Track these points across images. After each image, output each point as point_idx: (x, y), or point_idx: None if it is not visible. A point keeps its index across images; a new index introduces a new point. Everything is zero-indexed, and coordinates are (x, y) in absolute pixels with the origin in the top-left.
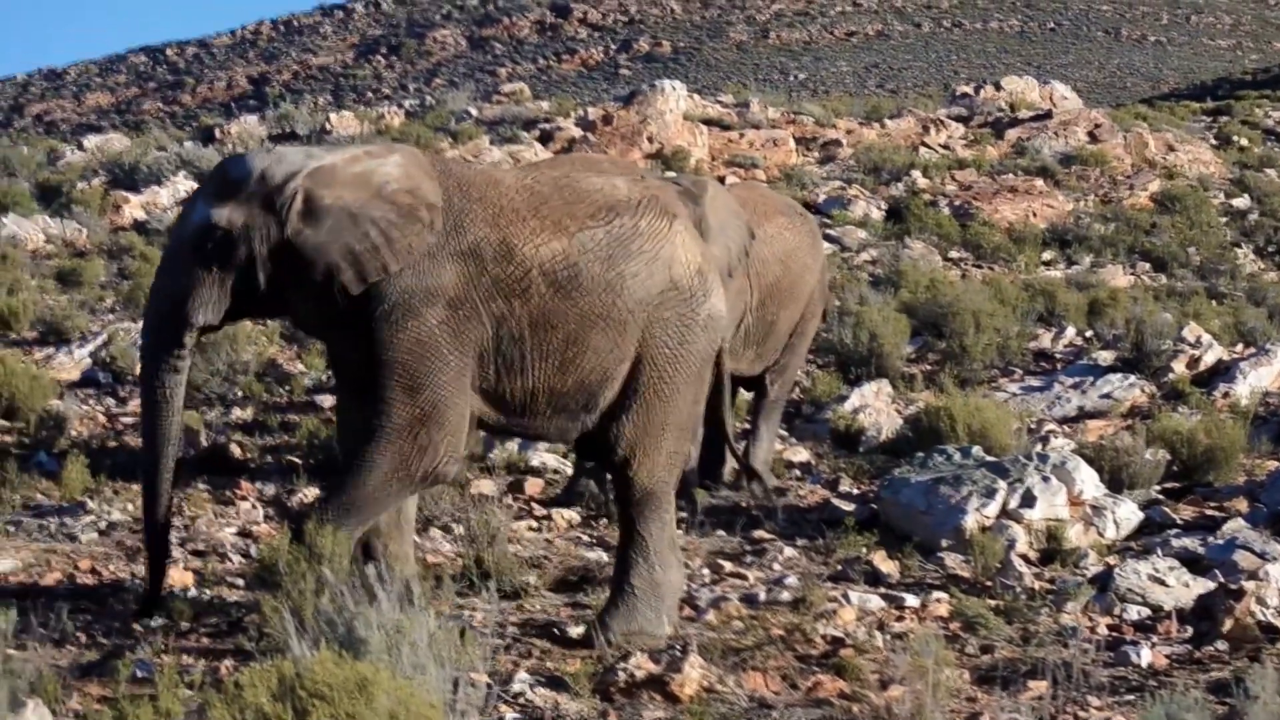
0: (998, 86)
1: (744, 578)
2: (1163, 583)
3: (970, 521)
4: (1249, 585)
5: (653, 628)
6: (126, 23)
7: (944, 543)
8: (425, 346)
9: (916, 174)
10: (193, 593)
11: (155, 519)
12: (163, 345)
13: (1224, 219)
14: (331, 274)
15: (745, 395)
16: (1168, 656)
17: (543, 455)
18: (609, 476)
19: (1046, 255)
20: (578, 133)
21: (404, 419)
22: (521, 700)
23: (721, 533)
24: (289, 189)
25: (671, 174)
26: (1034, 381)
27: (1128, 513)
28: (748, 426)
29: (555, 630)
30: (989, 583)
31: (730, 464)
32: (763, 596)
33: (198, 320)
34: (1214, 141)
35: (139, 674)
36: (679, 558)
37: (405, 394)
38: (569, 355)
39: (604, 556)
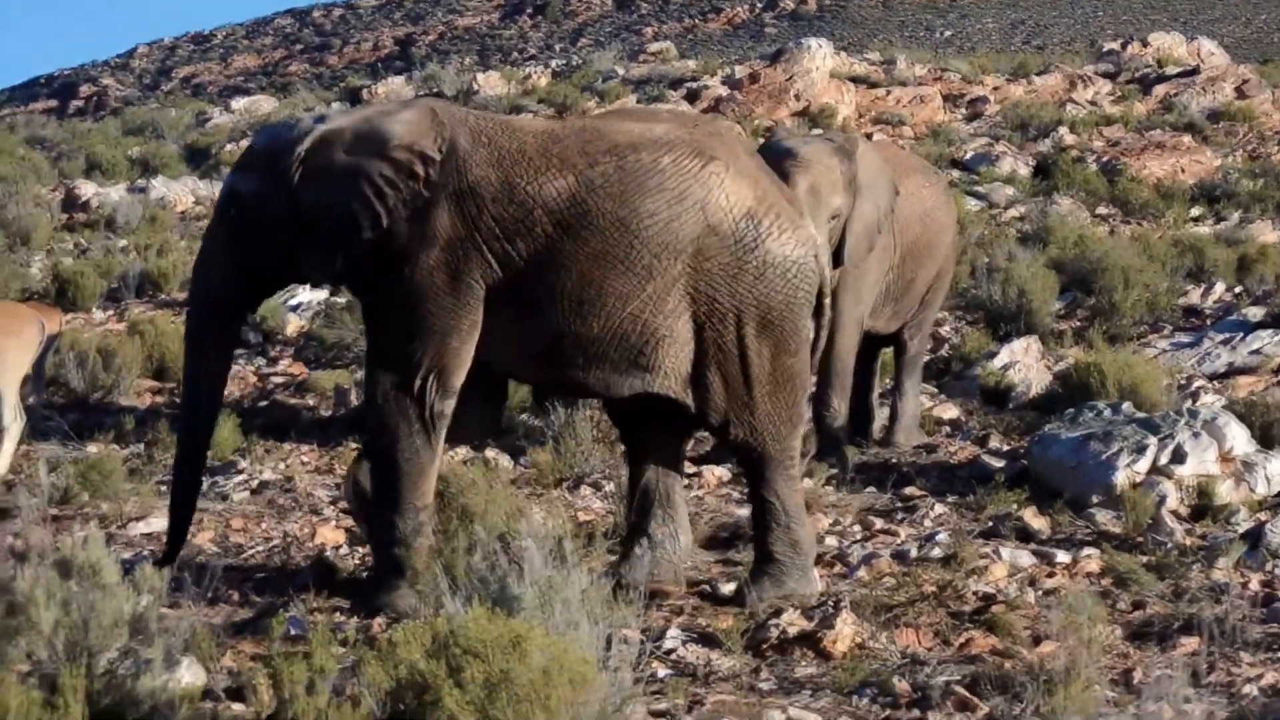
0: (1144, 43)
1: (895, 534)
2: None
3: (1121, 478)
4: None
5: (802, 588)
6: None
7: (1094, 499)
8: (420, 291)
9: (1064, 130)
10: (344, 551)
11: (182, 474)
12: (201, 308)
13: None
14: (334, 233)
15: (886, 353)
16: None
17: None
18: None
19: (1194, 211)
20: (724, 91)
21: (397, 363)
22: (673, 656)
23: (872, 489)
24: (296, 153)
25: (819, 131)
26: (1183, 337)
27: (1279, 469)
28: (890, 384)
29: (707, 587)
30: (1140, 539)
31: (880, 420)
32: (914, 553)
33: (230, 286)
34: None
35: (292, 631)
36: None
37: (399, 338)
38: (586, 298)
39: None
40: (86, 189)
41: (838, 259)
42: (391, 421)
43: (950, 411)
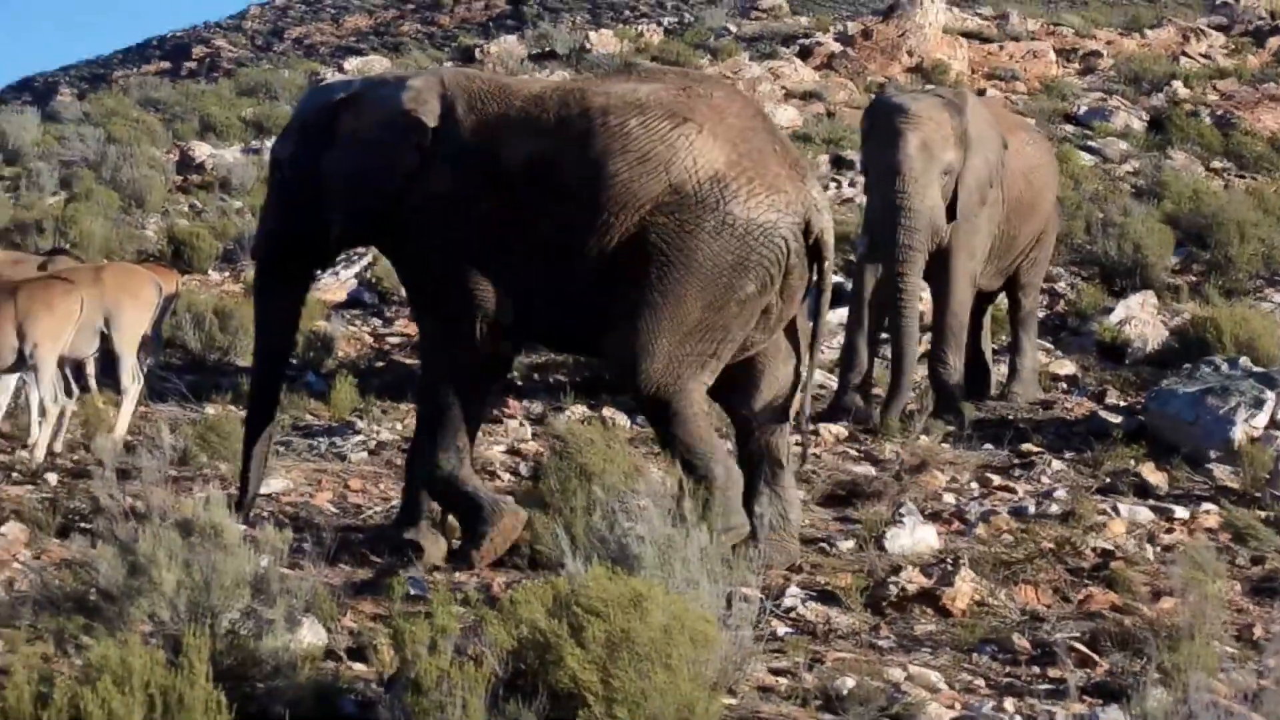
0: None
1: (1013, 491)
2: None
3: (1239, 432)
4: None
5: (738, 520)
6: None
7: (1212, 454)
8: (425, 254)
9: (1177, 84)
10: None
11: (253, 431)
12: (262, 269)
13: None
14: (347, 197)
15: (1001, 310)
16: None
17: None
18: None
19: None
20: (837, 48)
21: (429, 324)
22: (793, 614)
23: (989, 446)
24: (319, 120)
25: (931, 87)
26: None
27: None
28: (1007, 340)
29: (825, 544)
30: (1258, 494)
31: (996, 376)
32: (1032, 509)
33: (282, 249)
34: None
35: (412, 591)
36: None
37: (421, 296)
38: (561, 258)
39: (871, 471)
40: (201, 150)
41: (951, 213)
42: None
43: (1067, 367)
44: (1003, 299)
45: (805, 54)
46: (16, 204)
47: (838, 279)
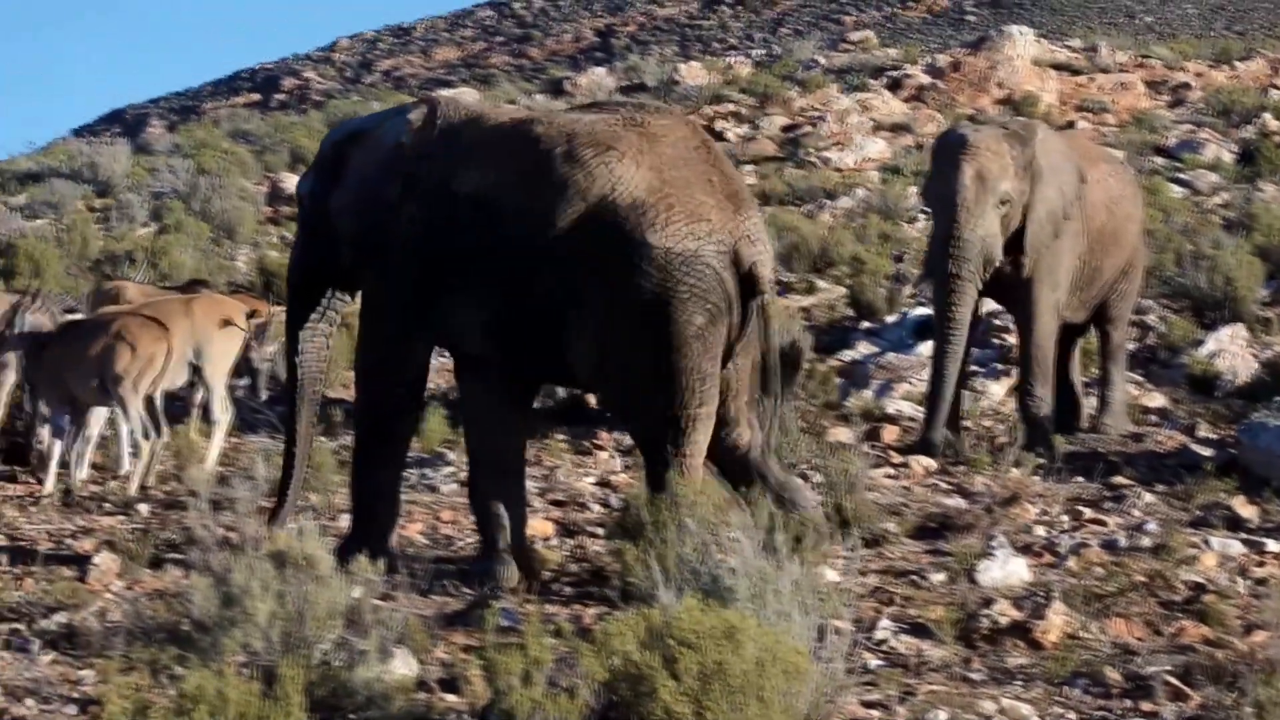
0: None
1: (1104, 523)
2: None
3: None
4: None
5: None
6: None
7: None
8: (388, 286)
9: (1267, 116)
10: (554, 542)
11: (291, 455)
12: (292, 298)
13: None
14: (348, 231)
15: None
16: None
17: (898, 403)
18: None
19: None
20: (926, 80)
21: (365, 361)
22: (885, 647)
23: (1080, 479)
24: (330, 156)
25: (1001, 117)
26: None
27: None
28: (1097, 374)
29: (917, 577)
30: None
31: (1086, 409)
32: (1123, 542)
33: (306, 279)
34: None
35: (504, 623)
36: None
37: (368, 330)
38: (511, 290)
39: (962, 503)
40: (291, 182)
41: (1018, 244)
42: (366, 415)
43: (1157, 400)
44: (1093, 332)
45: (895, 86)
46: (108, 235)
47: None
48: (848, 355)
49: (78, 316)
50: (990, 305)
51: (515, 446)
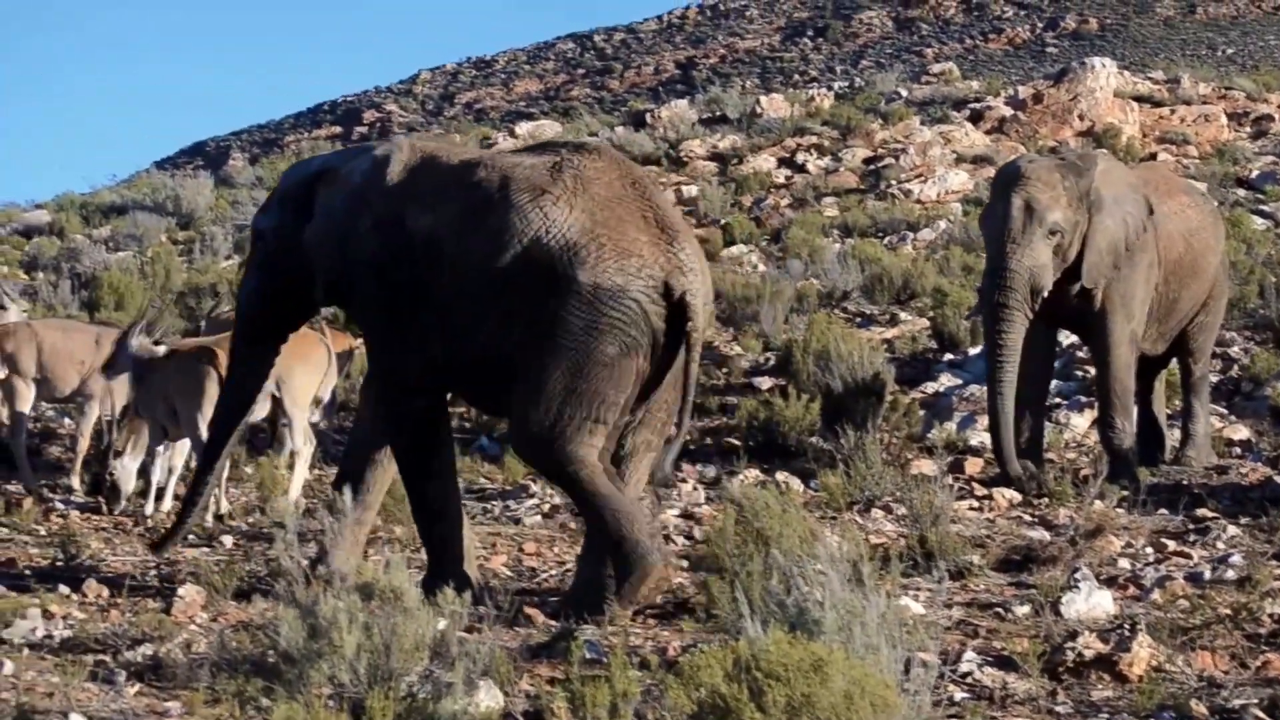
0: None
1: (1188, 556)
2: None
3: None
4: None
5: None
6: (554, 10)
7: None
8: (368, 316)
9: None
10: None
11: (202, 476)
12: (241, 329)
13: None
14: (319, 265)
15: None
16: None
17: (982, 435)
18: None
19: None
20: (1008, 112)
21: (379, 381)
22: (970, 680)
23: (1164, 511)
24: (297, 193)
25: (1081, 149)
26: None
27: None
28: (1180, 406)
29: (1001, 609)
30: None
31: (1169, 441)
32: (1207, 575)
33: (260, 310)
34: None
35: (589, 655)
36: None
37: (371, 355)
38: (454, 327)
39: (1046, 536)
40: None
41: (1075, 274)
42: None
43: (1241, 432)
44: (1175, 364)
45: (976, 118)
46: (190, 268)
47: None
48: (931, 387)
49: (182, 343)
50: (1072, 338)
51: (452, 473)
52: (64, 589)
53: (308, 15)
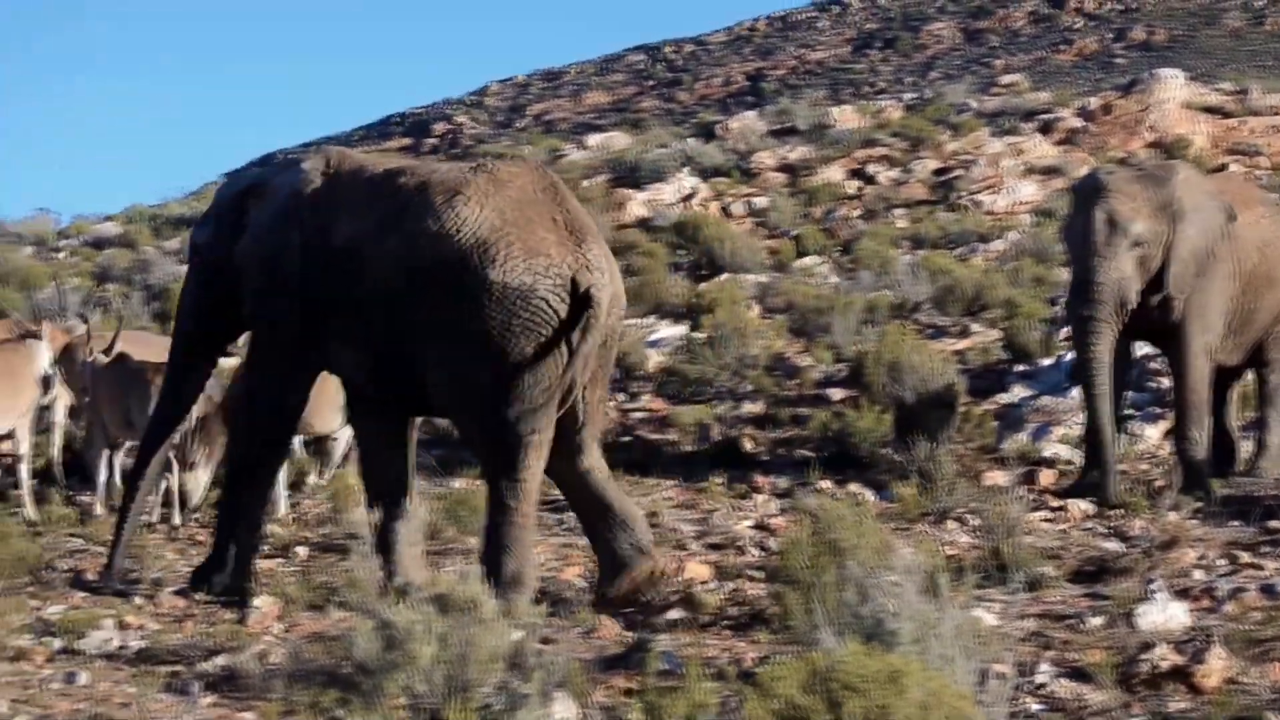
0: None
1: (1261, 568)
2: None
3: None
4: None
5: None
6: (623, 22)
7: None
8: (277, 328)
9: None
10: (711, 585)
11: (132, 491)
12: (177, 343)
13: None
14: (250, 278)
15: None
16: None
17: (1054, 446)
18: None
19: None
20: (1078, 123)
21: (249, 392)
22: (1044, 691)
23: (1237, 522)
24: (229, 207)
25: (1151, 160)
26: None
27: None
28: (1255, 415)
29: (1076, 620)
30: None
31: (1243, 452)
32: None
33: (196, 325)
34: None
35: (664, 666)
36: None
37: (255, 365)
38: (377, 330)
39: (1120, 547)
40: None
41: (1159, 284)
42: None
43: None
44: (1250, 375)
45: (1046, 129)
46: None
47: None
48: (1003, 398)
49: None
50: (1146, 348)
51: (399, 474)
52: (138, 599)
53: (378, 27)
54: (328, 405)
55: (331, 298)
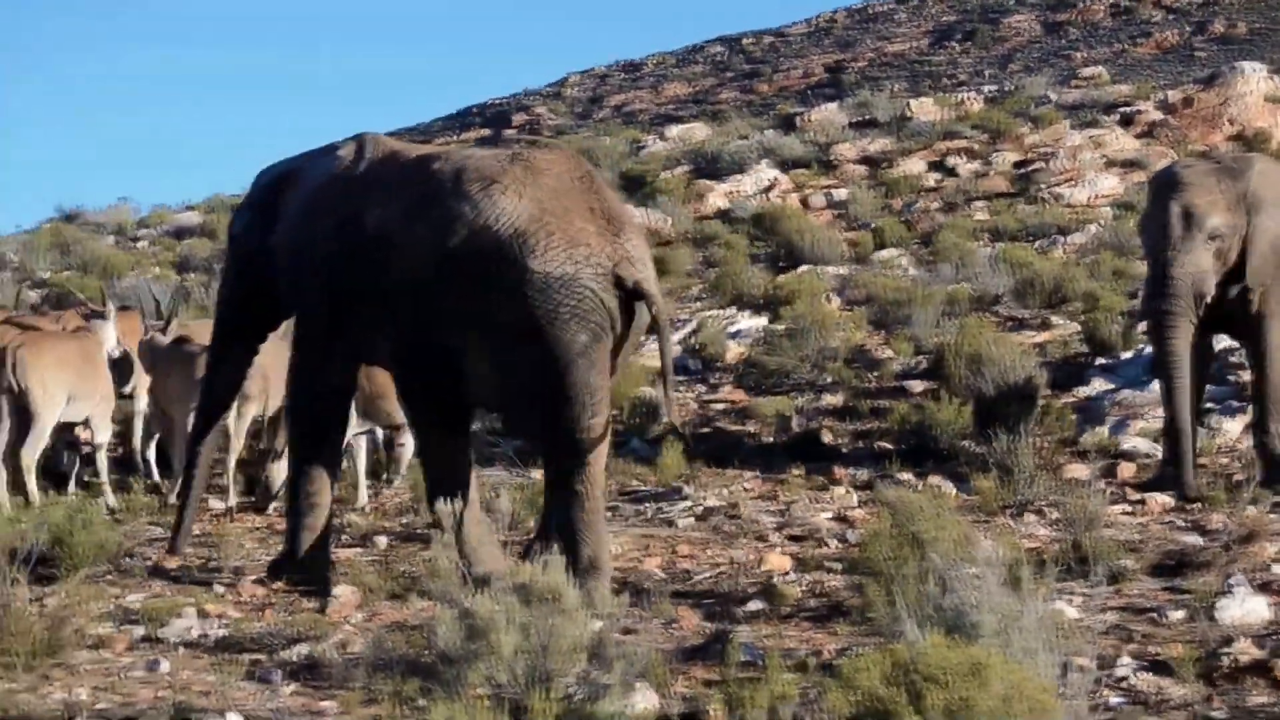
0: None
1: None
2: None
3: None
4: None
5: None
6: (703, 14)
7: None
8: (314, 314)
9: None
10: (791, 577)
11: (191, 478)
12: (217, 331)
13: None
14: (284, 265)
15: None
16: None
17: (1134, 439)
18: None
19: None
20: (1158, 116)
21: (292, 381)
22: (1125, 684)
23: None
24: (263, 196)
25: (1232, 153)
26: None
27: None
28: None
29: (1155, 614)
30: None
31: None
32: None
33: (234, 312)
34: None
35: (744, 657)
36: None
37: (297, 351)
38: (408, 318)
39: (1200, 541)
40: None
41: (1239, 276)
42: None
43: None
44: None
45: (1126, 122)
46: None
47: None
48: (1083, 391)
49: None
50: (1226, 342)
51: (460, 463)
52: (219, 588)
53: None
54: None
55: (362, 285)
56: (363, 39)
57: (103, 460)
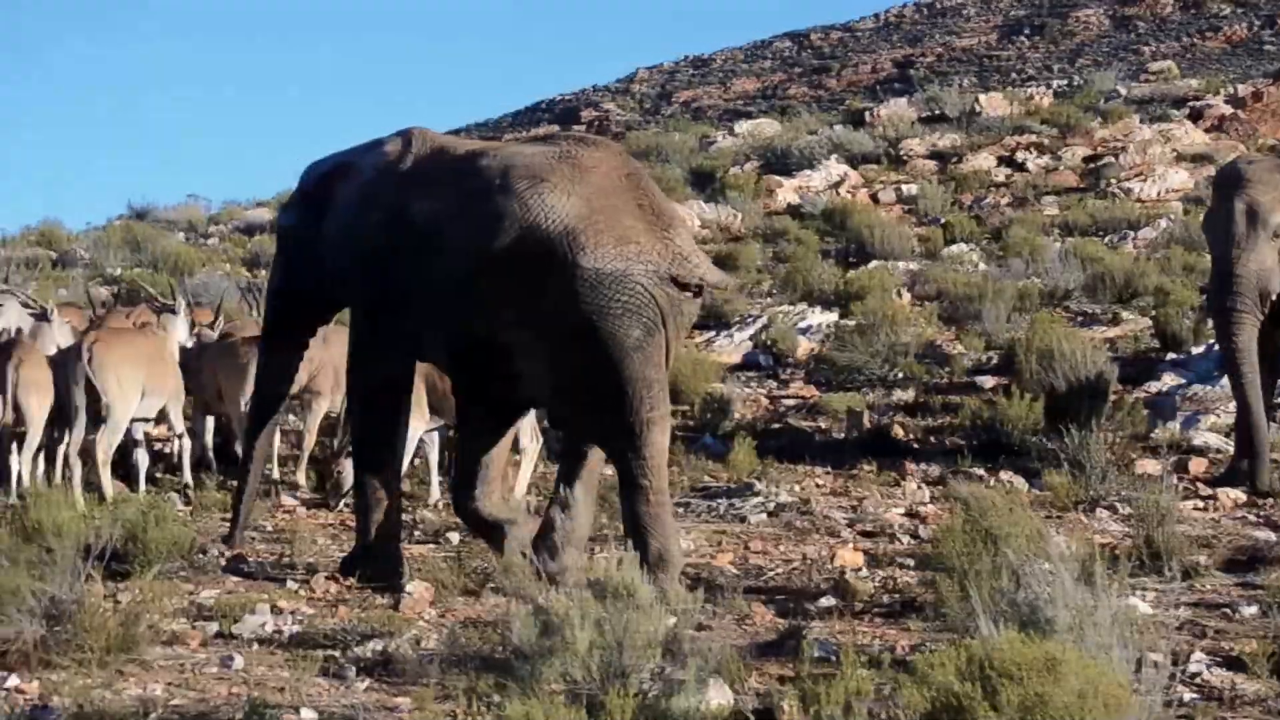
0: None
1: None
2: None
3: None
4: None
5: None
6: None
7: None
8: (363, 306)
9: None
10: (863, 573)
11: (247, 470)
12: (268, 326)
13: None
14: (335, 258)
15: None
16: None
17: (1205, 434)
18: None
19: None
20: (1227, 110)
21: (351, 375)
22: (1198, 680)
23: None
24: (314, 189)
25: (1274, 145)
26: None
27: None
28: None
29: (1228, 610)
30: None
31: None
32: None
33: (286, 305)
34: None
35: (818, 653)
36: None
37: (354, 343)
38: (452, 314)
39: (1272, 536)
40: None
41: None
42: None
43: None
44: None
45: (1196, 116)
46: None
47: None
48: (1154, 387)
49: None
50: None
51: (496, 458)
52: (292, 584)
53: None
54: None
55: (410, 280)
56: (435, 36)
57: (185, 449)
